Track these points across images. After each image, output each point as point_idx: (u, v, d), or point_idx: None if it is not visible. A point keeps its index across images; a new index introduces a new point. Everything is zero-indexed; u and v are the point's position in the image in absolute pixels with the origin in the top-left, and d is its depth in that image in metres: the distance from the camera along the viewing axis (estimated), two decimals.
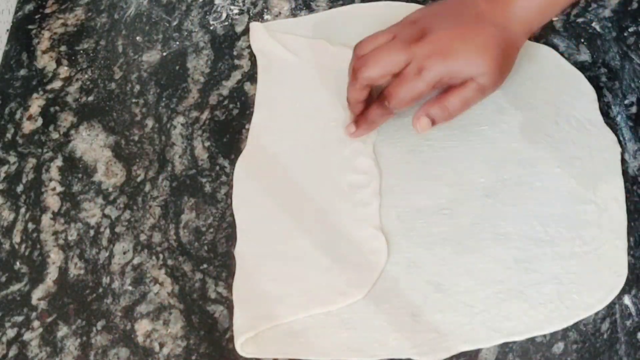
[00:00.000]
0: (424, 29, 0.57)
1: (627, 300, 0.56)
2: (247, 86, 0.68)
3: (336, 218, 0.60)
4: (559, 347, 0.54)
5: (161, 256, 0.60)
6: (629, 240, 0.58)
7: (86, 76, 0.69)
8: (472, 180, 0.61)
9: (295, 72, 0.67)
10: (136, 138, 0.65)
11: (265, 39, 0.69)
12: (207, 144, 0.65)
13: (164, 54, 0.70)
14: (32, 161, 0.65)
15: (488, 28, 0.57)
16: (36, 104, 0.68)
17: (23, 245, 0.61)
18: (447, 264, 0.57)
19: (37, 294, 0.58)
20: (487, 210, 0.59)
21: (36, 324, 0.57)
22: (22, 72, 0.70)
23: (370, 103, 0.61)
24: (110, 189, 0.63)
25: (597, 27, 0.69)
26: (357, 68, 0.58)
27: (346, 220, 0.59)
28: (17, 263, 0.60)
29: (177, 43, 0.70)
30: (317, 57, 0.68)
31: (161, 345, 0.56)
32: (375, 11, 0.71)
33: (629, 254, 0.57)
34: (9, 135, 0.66)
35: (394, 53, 0.57)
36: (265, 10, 0.72)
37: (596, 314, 0.55)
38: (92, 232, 0.61)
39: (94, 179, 0.64)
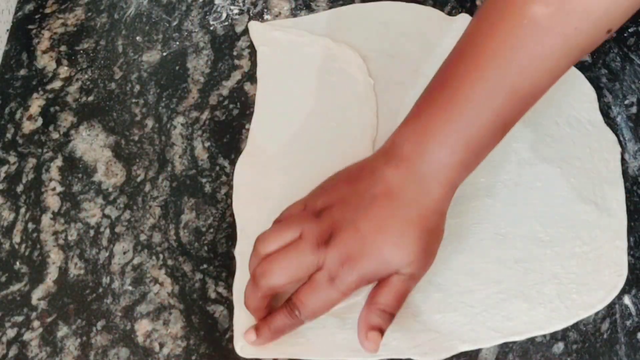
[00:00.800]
0: (331, 225, 0.50)
1: (627, 300, 0.56)
2: (247, 86, 0.68)
3: None
4: (559, 347, 0.54)
5: (161, 256, 0.59)
6: (629, 240, 0.58)
7: (86, 76, 0.69)
8: (472, 180, 0.61)
9: (296, 72, 0.68)
10: (136, 138, 0.65)
11: (267, 34, 0.69)
12: (207, 144, 0.65)
13: (164, 54, 0.70)
14: (32, 161, 0.65)
15: (402, 210, 0.49)
16: (36, 104, 0.68)
17: (23, 245, 0.61)
18: (447, 264, 0.57)
19: (37, 294, 0.58)
20: (487, 210, 0.59)
21: (36, 324, 0.57)
22: (22, 72, 0.70)
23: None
24: (110, 189, 0.63)
25: None
26: (258, 273, 0.51)
27: None
28: (17, 263, 0.60)
29: (177, 43, 0.70)
30: (318, 56, 0.68)
31: (161, 345, 0.56)
32: (375, 11, 0.71)
33: (629, 254, 0.57)
34: (9, 135, 0.66)
35: (302, 259, 0.50)
36: (265, 10, 0.72)
37: (596, 314, 0.55)
38: (92, 232, 0.61)
39: (94, 179, 0.64)
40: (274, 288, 0.51)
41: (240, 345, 0.54)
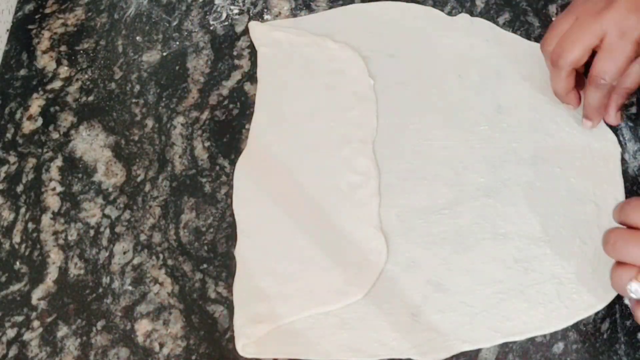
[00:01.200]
0: None
1: (627, 300, 0.56)
2: (247, 86, 0.68)
3: (336, 218, 0.60)
4: (559, 347, 0.54)
5: (161, 256, 0.60)
6: None
7: (86, 76, 0.69)
8: (472, 180, 0.61)
9: (296, 72, 0.68)
10: (136, 138, 0.65)
11: (267, 34, 0.69)
12: (207, 144, 0.65)
13: (164, 54, 0.70)
14: (32, 161, 0.65)
15: None
16: (36, 104, 0.68)
17: (23, 245, 0.61)
18: (447, 264, 0.57)
19: (37, 294, 0.58)
20: (487, 210, 0.59)
21: (36, 324, 0.57)
22: (22, 72, 0.70)
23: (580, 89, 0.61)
24: (110, 189, 0.63)
25: None
26: (555, 58, 0.58)
27: (346, 220, 0.59)
28: (17, 263, 0.60)
29: (177, 43, 0.70)
30: (318, 56, 0.68)
31: (161, 345, 0.56)
32: (375, 11, 0.71)
33: None
34: (9, 135, 0.66)
35: (587, 27, 0.56)
36: (265, 10, 0.72)
37: (596, 314, 0.55)
38: (92, 232, 0.61)
39: (94, 179, 0.64)
40: (573, 62, 0.57)
41: (242, 345, 0.54)
